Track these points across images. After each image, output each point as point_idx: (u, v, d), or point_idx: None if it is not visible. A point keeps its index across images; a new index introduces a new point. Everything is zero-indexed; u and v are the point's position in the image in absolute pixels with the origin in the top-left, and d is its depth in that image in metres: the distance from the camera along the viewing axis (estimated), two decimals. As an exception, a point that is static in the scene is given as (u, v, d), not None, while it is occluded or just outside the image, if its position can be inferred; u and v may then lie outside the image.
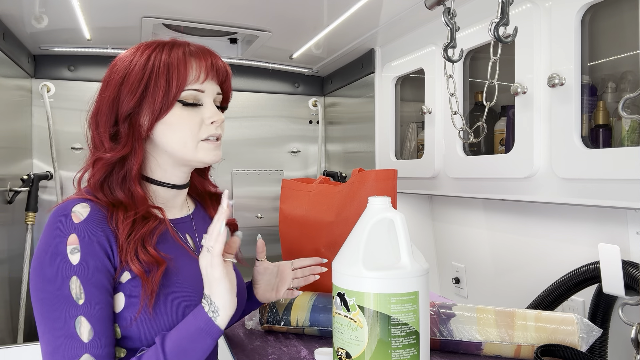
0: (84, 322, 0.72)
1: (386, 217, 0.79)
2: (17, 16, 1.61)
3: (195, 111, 0.84)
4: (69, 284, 0.72)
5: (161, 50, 0.83)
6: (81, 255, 0.74)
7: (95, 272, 0.74)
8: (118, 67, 0.84)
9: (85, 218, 0.76)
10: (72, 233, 0.74)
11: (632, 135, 1.05)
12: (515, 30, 0.96)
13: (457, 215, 1.65)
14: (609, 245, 1.01)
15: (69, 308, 0.72)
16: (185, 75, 0.82)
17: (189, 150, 0.84)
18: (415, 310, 0.75)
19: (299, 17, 1.64)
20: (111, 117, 0.82)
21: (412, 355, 0.75)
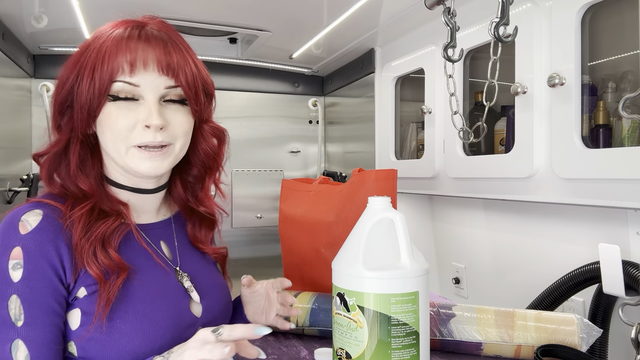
0: (20, 347, 0.63)
1: (386, 217, 0.79)
2: (17, 16, 1.61)
3: (130, 109, 0.71)
4: (8, 303, 0.64)
5: (108, 31, 0.75)
6: (24, 272, 0.65)
7: (40, 291, 0.65)
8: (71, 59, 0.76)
9: (34, 228, 0.66)
10: (16, 246, 0.65)
11: (633, 135, 1.05)
12: (515, 30, 0.95)
13: (457, 215, 1.65)
14: (609, 245, 1.01)
15: (6, 330, 0.63)
16: (114, 64, 0.70)
17: (120, 157, 0.73)
18: (415, 311, 0.75)
19: (299, 17, 1.64)
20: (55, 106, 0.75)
21: (412, 356, 0.75)
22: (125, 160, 0.73)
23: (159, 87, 0.72)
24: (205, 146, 0.84)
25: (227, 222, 2.33)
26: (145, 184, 0.78)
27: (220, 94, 2.66)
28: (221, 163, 0.88)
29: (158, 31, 0.77)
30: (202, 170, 0.87)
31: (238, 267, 1.06)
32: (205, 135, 0.84)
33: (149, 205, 0.82)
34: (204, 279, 0.85)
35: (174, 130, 0.74)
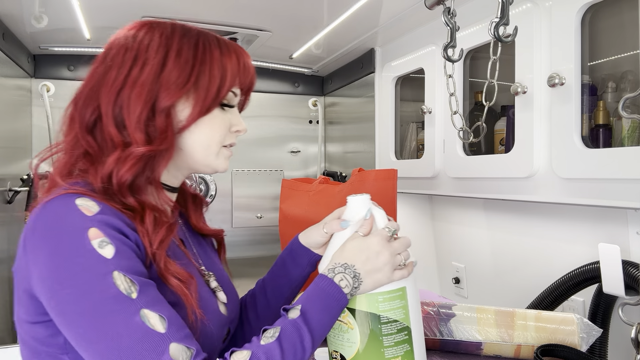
0: (149, 314, 0.60)
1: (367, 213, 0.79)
2: (17, 16, 1.61)
3: (226, 115, 0.77)
4: (113, 280, 0.59)
5: (206, 38, 0.74)
6: (114, 247, 0.61)
7: (134, 260, 0.63)
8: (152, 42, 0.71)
9: (98, 211, 0.63)
10: (91, 227, 0.61)
11: (632, 135, 1.05)
12: (515, 30, 0.96)
13: (457, 215, 1.65)
14: (609, 245, 1.01)
15: (126, 307, 0.59)
16: (236, 73, 0.75)
17: (209, 155, 0.75)
18: (405, 306, 0.75)
19: (299, 17, 1.64)
20: (147, 105, 0.69)
21: (405, 351, 0.75)
22: (215, 159, 0.76)
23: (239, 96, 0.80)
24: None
25: (227, 222, 2.33)
26: (177, 182, 0.80)
27: (220, 94, 2.65)
28: None
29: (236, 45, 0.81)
30: None
31: (238, 267, 1.06)
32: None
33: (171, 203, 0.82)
34: (219, 271, 0.86)
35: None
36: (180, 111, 0.71)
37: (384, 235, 0.74)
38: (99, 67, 0.72)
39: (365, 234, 0.76)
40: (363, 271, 0.71)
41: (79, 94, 0.73)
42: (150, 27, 0.73)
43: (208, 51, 0.73)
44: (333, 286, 0.69)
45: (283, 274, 0.91)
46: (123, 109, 0.69)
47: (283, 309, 0.69)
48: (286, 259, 0.91)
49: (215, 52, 0.73)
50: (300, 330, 0.65)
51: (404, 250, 0.75)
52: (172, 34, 0.72)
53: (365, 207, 0.79)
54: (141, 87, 0.69)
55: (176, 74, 0.70)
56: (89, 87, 0.72)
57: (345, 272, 0.71)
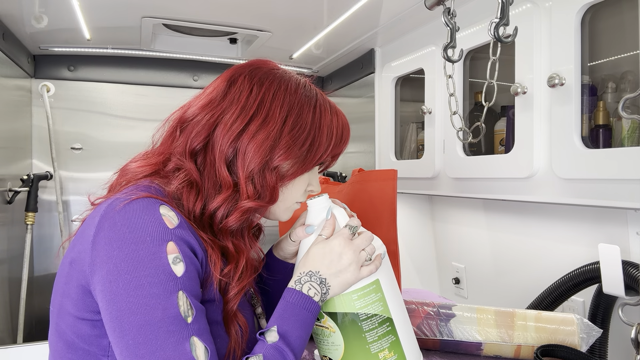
0: (197, 343, 0.60)
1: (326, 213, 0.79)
2: (17, 16, 1.61)
3: (310, 173, 0.78)
4: (177, 300, 0.59)
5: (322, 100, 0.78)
6: (185, 264, 0.62)
7: (196, 282, 0.64)
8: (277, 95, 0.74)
9: (178, 224, 0.64)
10: (170, 240, 0.61)
11: (632, 135, 1.05)
12: (515, 30, 0.96)
13: (457, 215, 1.65)
14: (609, 246, 1.01)
15: (180, 330, 0.59)
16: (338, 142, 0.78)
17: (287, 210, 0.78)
18: (381, 298, 0.75)
19: (299, 17, 1.64)
20: (264, 160, 0.70)
21: (391, 342, 0.74)
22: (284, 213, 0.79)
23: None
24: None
25: (227, 222, 2.32)
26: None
27: (220, 94, 2.64)
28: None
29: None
30: None
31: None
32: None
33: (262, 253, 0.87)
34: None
35: None
36: (286, 170, 0.73)
37: (345, 235, 0.74)
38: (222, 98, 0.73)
39: (328, 236, 0.76)
40: (329, 275, 0.71)
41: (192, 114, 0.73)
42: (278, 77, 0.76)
43: (324, 116, 0.76)
44: (303, 298, 0.69)
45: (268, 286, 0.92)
46: (238, 156, 0.70)
47: (259, 333, 0.68)
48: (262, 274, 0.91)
49: (327, 118, 0.76)
50: (283, 353, 0.65)
51: (368, 245, 0.75)
52: (296, 91, 0.75)
53: (325, 207, 0.79)
54: (260, 143, 0.70)
55: (295, 135, 0.71)
56: (207, 114, 0.72)
57: (311, 280, 0.71)
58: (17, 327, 1.88)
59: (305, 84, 0.78)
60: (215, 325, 0.67)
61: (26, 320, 1.90)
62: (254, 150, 0.69)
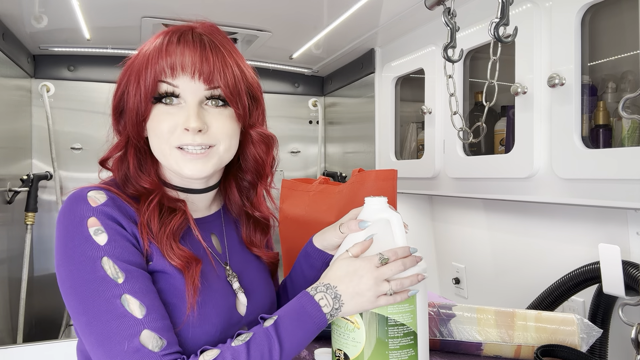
0: (130, 299, 0.65)
1: (383, 217, 0.79)
2: (17, 16, 1.61)
3: (172, 113, 0.74)
4: (102, 265, 0.66)
5: (153, 39, 0.78)
6: (107, 234, 0.68)
7: (127, 249, 0.69)
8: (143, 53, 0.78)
9: (102, 203, 0.71)
10: (91, 216, 0.69)
11: (633, 135, 1.05)
12: (515, 30, 0.96)
13: (457, 215, 1.65)
14: (609, 246, 1.01)
15: (109, 288, 0.65)
16: (156, 67, 0.73)
17: (164, 159, 0.76)
18: (413, 311, 0.75)
19: (299, 17, 1.64)
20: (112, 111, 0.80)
21: (410, 356, 0.75)
22: (169, 162, 0.76)
23: (197, 90, 0.74)
24: (254, 152, 0.84)
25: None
26: (194, 184, 0.81)
27: (220, 94, 2.62)
28: (270, 170, 0.89)
29: (200, 35, 0.78)
30: (254, 176, 0.88)
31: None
32: (254, 141, 0.84)
33: (201, 204, 0.84)
34: (250, 278, 0.86)
35: (215, 132, 0.75)
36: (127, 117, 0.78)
37: (372, 261, 0.74)
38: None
39: (356, 255, 0.75)
40: (345, 293, 0.72)
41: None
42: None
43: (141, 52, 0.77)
44: (312, 303, 0.71)
45: (301, 276, 0.93)
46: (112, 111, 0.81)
47: (260, 317, 0.72)
48: (302, 261, 0.93)
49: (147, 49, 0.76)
50: (270, 339, 0.67)
51: (393, 275, 0.73)
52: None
53: (382, 209, 0.79)
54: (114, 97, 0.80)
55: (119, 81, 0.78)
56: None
57: (327, 292, 0.72)
58: (17, 327, 1.88)
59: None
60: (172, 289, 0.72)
61: (26, 320, 1.90)
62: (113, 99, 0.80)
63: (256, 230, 0.91)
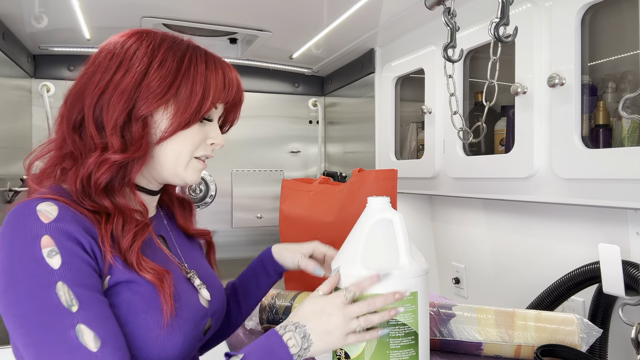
0: (85, 330, 0.61)
1: (385, 217, 0.79)
2: (17, 16, 1.61)
3: (204, 127, 0.79)
4: (55, 291, 0.61)
5: (194, 51, 0.76)
6: (62, 257, 0.63)
7: (82, 272, 0.64)
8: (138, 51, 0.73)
9: (56, 217, 0.65)
10: (44, 234, 0.63)
11: (632, 135, 1.05)
12: (515, 30, 0.96)
13: (457, 215, 1.65)
14: (609, 245, 1.01)
15: (62, 318, 0.60)
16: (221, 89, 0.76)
17: (179, 166, 0.77)
18: (414, 311, 0.75)
19: (299, 17, 1.64)
20: (125, 111, 0.71)
21: (410, 356, 0.75)
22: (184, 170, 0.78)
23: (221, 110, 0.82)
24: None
25: (227, 222, 2.33)
26: (156, 187, 0.83)
27: (220, 94, 2.61)
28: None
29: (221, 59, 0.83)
30: None
31: (238, 267, 1.06)
32: None
33: (152, 204, 0.85)
34: (203, 268, 0.89)
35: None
36: (160, 122, 0.74)
37: (339, 298, 0.73)
38: (88, 69, 0.75)
39: (325, 292, 0.76)
40: (314, 332, 0.71)
41: (68, 93, 0.76)
42: (141, 36, 0.75)
43: (193, 65, 0.74)
44: (279, 344, 0.70)
45: (254, 282, 1.00)
46: (103, 112, 0.71)
47: (226, 354, 0.70)
48: (257, 268, 1.00)
49: (201, 67, 0.75)
50: None
51: (363, 313, 0.73)
52: (160, 45, 0.74)
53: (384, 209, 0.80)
54: (121, 92, 0.70)
55: (156, 84, 0.71)
56: (78, 87, 0.74)
57: (295, 331, 0.71)
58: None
59: (173, 38, 0.77)
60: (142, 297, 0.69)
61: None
62: (115, 102, 0.70)
63: (185, 212, 0.94)
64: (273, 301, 1.16)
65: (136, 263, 0.69)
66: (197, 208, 2.23)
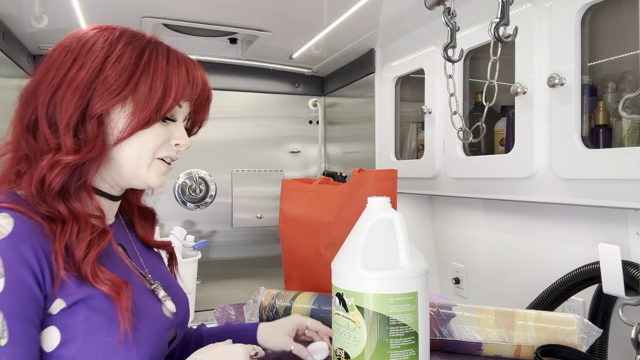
0: None
1: (385, 217, 0.79)
2: (17, 16, 1.61)
3: (167, 127, 0.74)
4: None
5: (155, 47, 0.72)
6: (5, 282, 0.58)
7: (22, 302, 0.59)
8: (95, 45, 0.68)
9: (10, 233, 0.60)
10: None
11: (632, 135, 1.05)
12: (515, 30, 0.96)
13: (457, 215, 1.65)
14: (609, 246, 1.01)
15: None
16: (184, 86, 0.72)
17: (140, 167, 0.73)
18: (414, 311, 0.75)
19: (299, 17, 1.64)
20: (78, 109, 0.66)
21: (410, 356, 0.75)
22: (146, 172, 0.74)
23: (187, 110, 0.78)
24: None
25: (227, 222, 2.33)
26: (117, 192, 0.78)
27: (220, 94, 2.66)
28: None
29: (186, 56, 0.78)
30: None
31: (238, 267, 1.06)
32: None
33: (112, 211, 0.80)
34: (166, 279, 0.86)
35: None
36: (117, 121, 0.69)
37: (248, 350, 0.72)
38: (43, 66, 0.71)
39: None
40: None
41: (22, 92, 0.72)
42: (99, 30, 0.71)
43: (153, 60, 0.70)
44: None
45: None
46: (56, 110, 0.67)
47: None
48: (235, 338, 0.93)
49: (162, 62, 0.71)
50: None
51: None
52: (118, 39, 0.70)
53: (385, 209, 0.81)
54: (75, 89, 0.66)
55: (112, 80, 0.67)
56: (32, 85, 0.71)
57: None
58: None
59: (133, 33, 0.72)
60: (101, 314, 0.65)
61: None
62: (67, 99, 0.66)
63: (147, 222, 0.89)
64: (273, 301, 1.16)
65: (91, 274, 0.65)
66: (197, 208, 2.23)
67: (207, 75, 0.80)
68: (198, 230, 2.26)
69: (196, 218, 2.26)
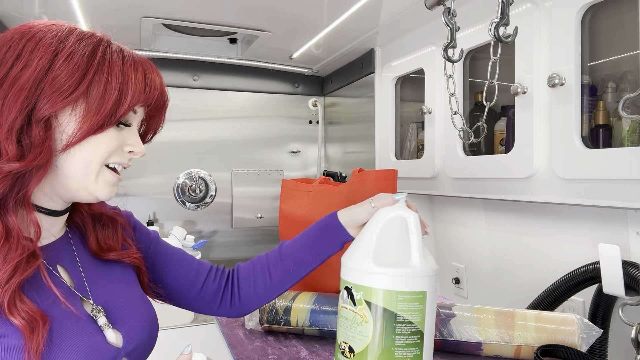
0: None
1: (399, 215, 0.79)
2: (17, 16, 1.61)
3: (121, 132, 0.69)
4: None
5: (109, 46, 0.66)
6: None
7: None
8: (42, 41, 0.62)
9: None
10: None
11: (632, 135, 1.05)
12: (515, 30, 0.96)
13: (457, 215, 1.65)
14: (609, 245, 1.01)
15: None
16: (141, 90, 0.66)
17: (88, 176, 0.66)
18: (422, 310, 0.75)
19: (299, 17, 1.64)
20: (24, 111, 0.59)
21: (415, 355, 0.75)
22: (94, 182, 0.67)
23: (141, 115, 0.73)
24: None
25: (227, 222, 2.33)
26: (60, 206, 0.71)
27: (220, 94, 2.66)
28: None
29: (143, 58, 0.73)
30: None
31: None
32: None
33: (57, 226, 0.72)
34: (120, 299, 0.76)
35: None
36: (66, 125, 0.63)
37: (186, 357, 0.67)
38: None
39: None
40: None
41: None
42: (45, 25, 0.65)
43: (108, 60, 0.65)
44: None
45: (312, 250, 0.88)
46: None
47: None
48: (317, 235, 0.88)
49: (117, 63, 0.65)
50: None
51: None
52: (68, 35, 0.64)
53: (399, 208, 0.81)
54: (19, 89, 0.59)
55: (63, 79, 0.61)
56: None
57: None
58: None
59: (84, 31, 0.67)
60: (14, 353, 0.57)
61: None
62: (10, 101, 0.59)
63: (106, 231, 0.79)
64: (273, 301, 1.16)
65: (8, 304, 0.57)
66: (197, 208, 2.24)
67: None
68: (198, 230, 2.27)
69: (196, 218, 2.27)
